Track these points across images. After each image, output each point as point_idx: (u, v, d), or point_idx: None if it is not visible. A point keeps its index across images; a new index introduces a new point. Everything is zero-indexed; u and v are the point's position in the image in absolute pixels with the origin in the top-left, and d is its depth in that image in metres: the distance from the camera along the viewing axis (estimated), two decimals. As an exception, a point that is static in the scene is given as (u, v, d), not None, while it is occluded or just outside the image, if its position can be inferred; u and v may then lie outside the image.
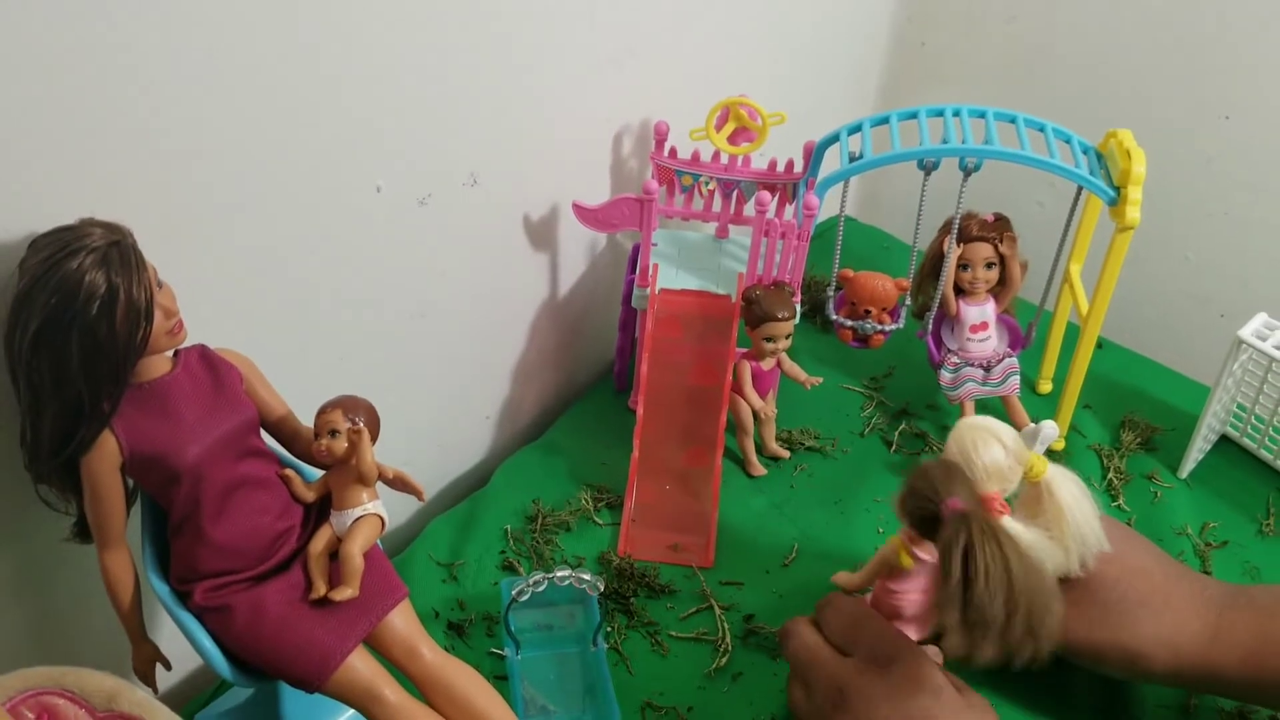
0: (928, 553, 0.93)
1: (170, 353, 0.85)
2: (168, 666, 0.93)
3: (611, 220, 1.20)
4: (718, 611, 1.11)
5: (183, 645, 0.89)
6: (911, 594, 0.96)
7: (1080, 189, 1.17)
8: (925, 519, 0.87)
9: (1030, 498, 0.97)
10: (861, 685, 0.89)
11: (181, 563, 0.86)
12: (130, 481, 0.87)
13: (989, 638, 0.80)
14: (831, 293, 1.28)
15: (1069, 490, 0.95)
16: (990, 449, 0.92)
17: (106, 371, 0.78)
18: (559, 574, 1.00)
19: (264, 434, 0.91)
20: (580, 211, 1.20)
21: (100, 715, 0.84)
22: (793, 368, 1.26)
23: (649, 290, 1.22)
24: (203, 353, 0.87)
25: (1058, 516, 0.94)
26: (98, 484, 0.83)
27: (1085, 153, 1.16)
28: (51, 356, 0.76)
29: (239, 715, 1.01)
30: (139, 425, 0.82)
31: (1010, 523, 0.92)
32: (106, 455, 0.82)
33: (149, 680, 0.92)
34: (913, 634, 0.96)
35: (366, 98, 0.98)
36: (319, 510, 0.91)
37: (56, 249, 0.75)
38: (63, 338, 0.75)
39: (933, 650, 0.99)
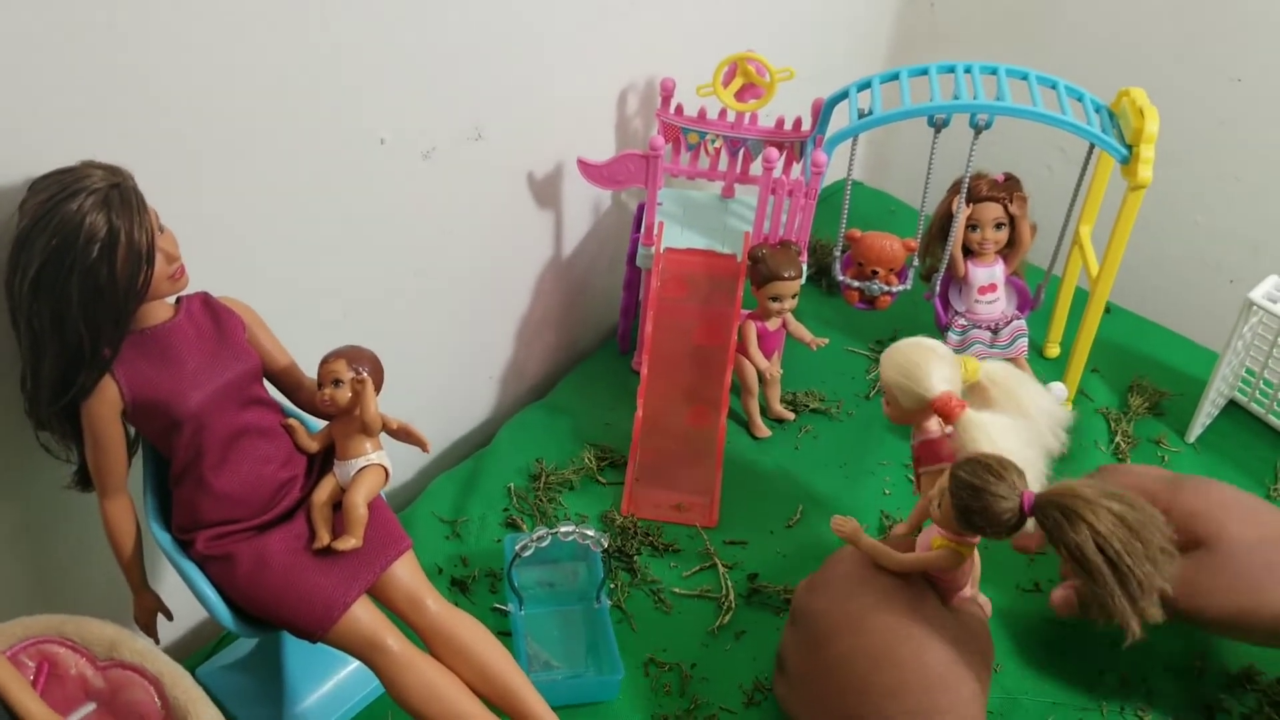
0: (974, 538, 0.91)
1: (172, 299, 0.84)
2: (169, 617, 0.92)
3: (617, 176, 1.19)
4: (721, 570, 1.11)
5: (184, 598, 0.88)
6: (968, 570, 0.95)
7: (1092, 148, 1.16)
8: (1006, 529, 0.85)
9: (978, 396, 0.98)
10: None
11: (183, 511, 0.86)
12: (132, 429, 0.86)
13: (1151, 595, 0.80)
14: (838, 253, 1.27)
15: (1008, 373, 0.97)
16: (929, 360, 0.95)
17: (107, 315, 0.77)
18: (563, 529, 0.99)
19: (267, 384, 0.91)
20: (585, 167, 1.19)
21: (101, 664, 0.84)
22: (798, 328, 1.25)
23: (654, 249, 1.21)
24: (205, 300, 0.86)
25: (1012, 399, 0.96)
26: (98, 430, 0.82)
27: (1098, 111, 1.14)
28: (51, 299, 0.75)
29: (241, 668, 1.01)
30: (140, 371, 0.81)
31: (974, 414, 0.93)
32: (107, 401, 0.81)
33: (150, 630, 0.92)
34: (964, 597, 0.96)
35: (371, 47, 0.96)
36: (323, 461, 0.91)
37: (56, 190, 0.74)
38: (63, 280, 0.74)
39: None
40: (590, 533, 1.00)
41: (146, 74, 0.82)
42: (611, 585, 1.09)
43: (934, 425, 0.98)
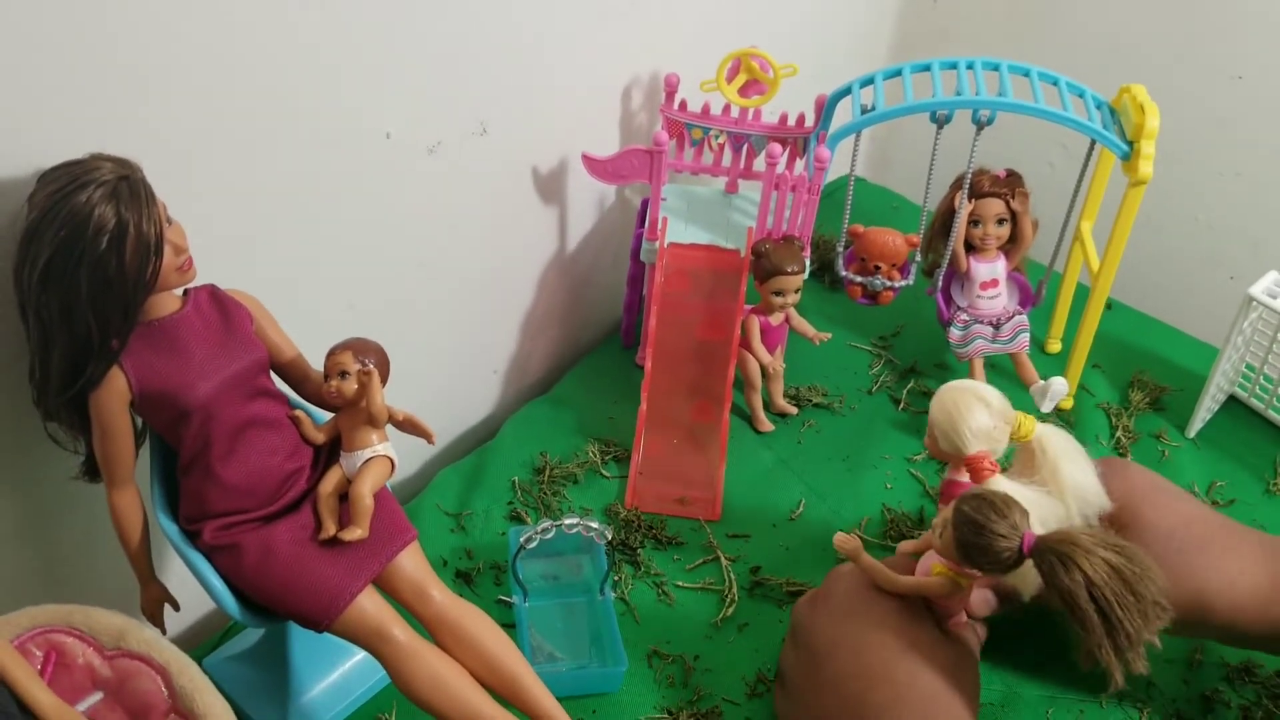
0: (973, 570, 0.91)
1: (180, 291, 0.85)
2: (176, 607, 0.93)
3: (621, 172, 1.20)
4: (724, 563, 1.11)
5: (191, 589, 0.89)
6: (967, 596, 0.94)
7: (1093, 144, 1.16)
8: (1003, 567, 0.85)
9: (1024, 457, 0.97)
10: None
11: (190, 502, 0.86)
12: (139, 420, 0.87)
13: (1138, 649, 0.81)
14: (841, 249, 1.27)
15: (1060, 445, 0.94)
16: (976, 411, 0.93)
17: (115, 306, 0.77)
18: (567, 521, 1.00)
19: (274, 376, 0.91)
20: (590, 162, 1.20)
21: (108, 653, 0.84)
22: (801, 323, 1.26)
23: (658, 244, 1.22)
24: (213, 292, 0.87)
25: (1053, 472, 0.93)
26: (106, 421, 0.82)
27: (1099, 107, 1.15)
28: (60, 291, 0.76)
29: (247, 659, 1.01)
30: (148, 362, 0.82)
31: (1003, 480, 0.92)
32: (115, 392, 0.81)
33: (157, 621, 0.92)
34: (959, 623, 0.96)
35: (378, 42, 0.97)
36: (329, 452, 0.91)
37: (66, 182, 0.75)
38: (71, 272, 0.75)
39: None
40: (594, 525, 1.00)
41: (151, 69, 0.82)
42: (615, 578, 1.09)
43: (964, 473, 0.97)
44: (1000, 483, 0.91)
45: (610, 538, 1.02)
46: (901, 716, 0.85)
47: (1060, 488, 0.93)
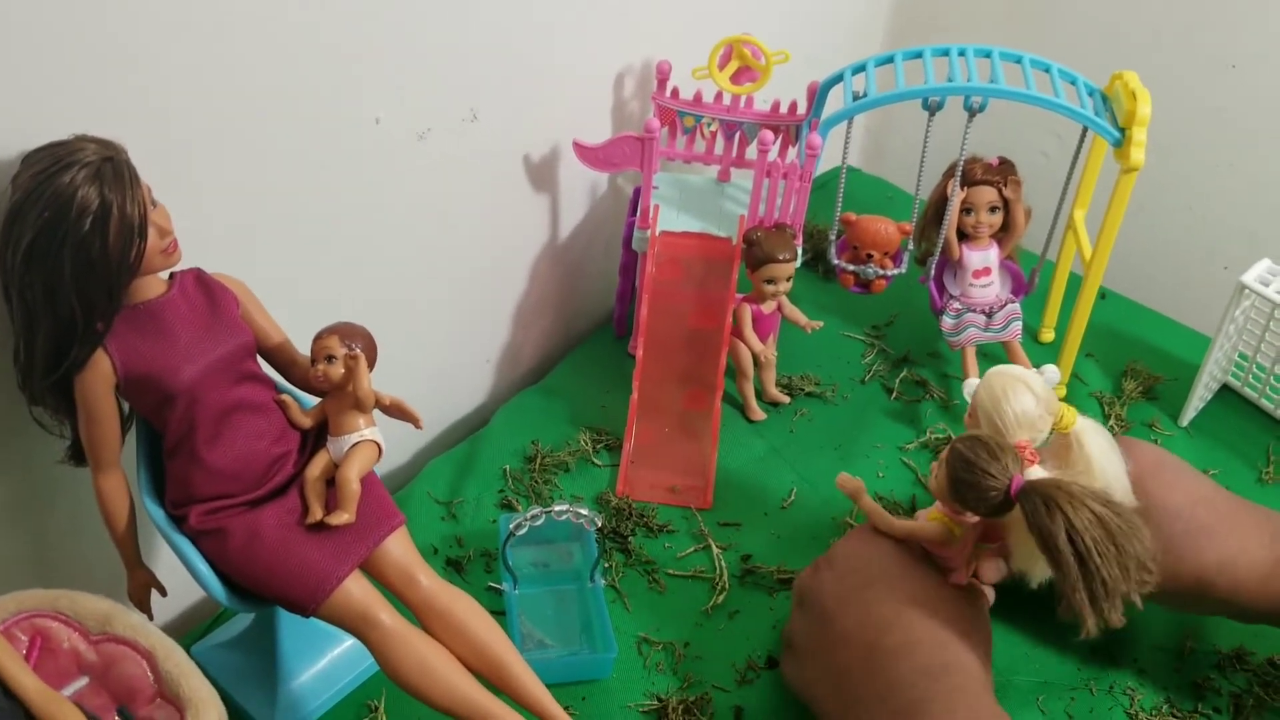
0: (970, 516, 0.92)
1: (165, 274, 0.84)
2: (163, 593, 0.93)
3: (612, 159, 1.19)
4: (715, 551, 1.11)
5: (179, 575, 0.89)
6: (964, 550, 0.95)
7: (1085, 131, 1.16)
8: (990, 508, 0.86)
9: (1059, 448, 0.96)
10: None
11: (176, 486, 0.86)
12: (126, 405, 0.86)
13: (1114, 600, 0.81)
14: (834, 237, 1.27)
15: (1098, 442, 0.94)
16: (1022, 397, 0.92)
17: (99, 289, 0.77)
18: (557, 509, 1.00)
19: (261, 360, 0.91)
20: (581, 150, 1.19)
21: (94, 638, 0.84)
22: (793, 311, 1.26)
23: (649, 232, 1.21)
24: (198, 276, 0.86)
25: (1086, 467, 0.93)
26: (91, 405, 0.82)
27: (1091, 94, 1.14)
28: (44, 273, 0.75)
29: (235, 646, 1.01)
30: (133, 345, 0.82)
31: (1040, 471, 0.91)
32: (100, 375, 0.81)
33: (144, 606, 0.92)
34: (960, 578, 0.96)
35: (366, 25, 0.97)
36: (316, 436, 0.91)
37: (49, 163, 0.74)
38: (55, 253, 0.75)
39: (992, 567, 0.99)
40: (584, 512, 1.00)
41: (135, 52, 0.82)
42: (606, 565, 1.09)
43: None
44: (1038, 473, 0.90)
45: (600, 525, 1.01)
46: (915, 657, 0.86)
47: (1094, 481, 0.92)
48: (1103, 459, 0.93)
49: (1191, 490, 0.96)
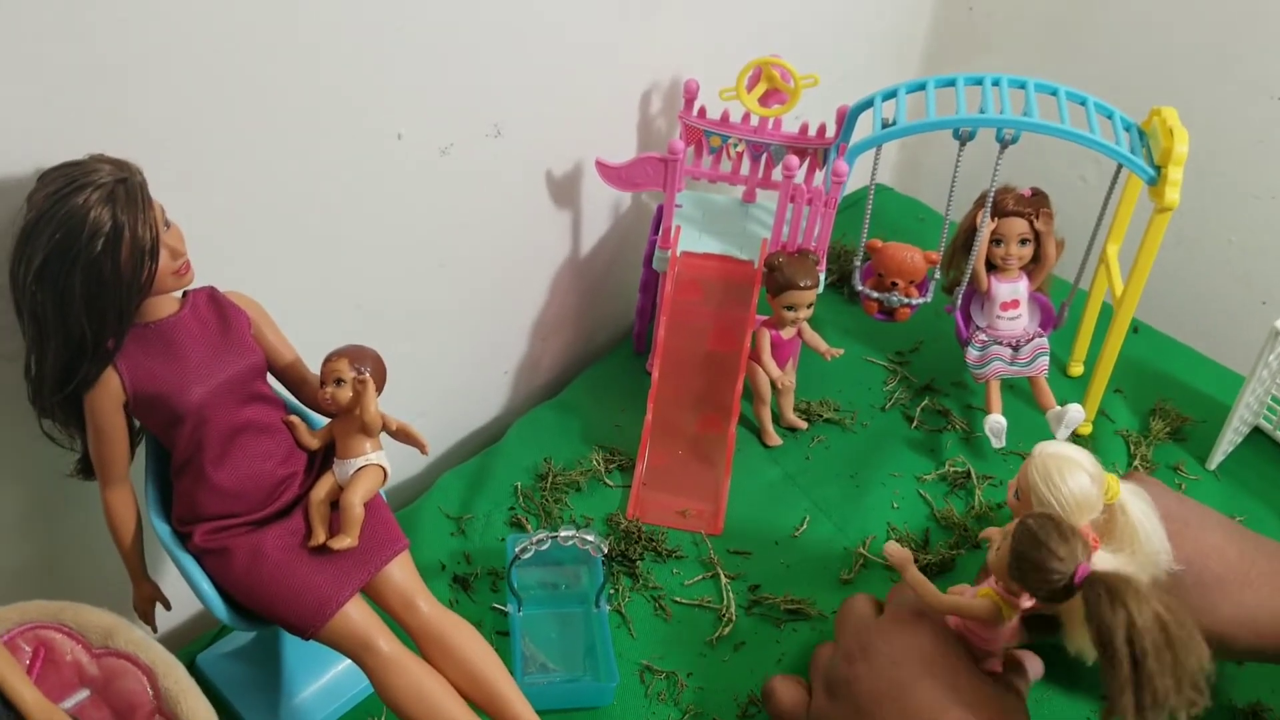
0: (1025, 599, 0.90)
1: (178, 294, 0.85)
2: (167, 606, 0.93)
3: (635, 179, 1.18)
4: (723, 580, 1.10)
5: (184, 588, 0.89)
6: (1005, 634, 0.93)
7: (1120, 167, 1.13)
8: (1051, 592, 0.84)
9: (1100, 522, 0.92)
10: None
11: (183, 504, 0.86)
12: (136, 421, 0.87)
13: (1160, 713, 0.77)
14: (859, 263, 1.25)
15: (1140, 508, 0.91)
16: (1077, 477, 0.88)
17: (110, 309, 0.77)
18: (563, 534, 0.99)
19: (271, 380, 0.91)
20: (603, 169, 1.18)
21: (96, 651, 0.85)
22: (813, 338, 1.24)
23: (670, 253, 1.20)
24: (211, 295, 0.87)
25: (1131, 536, 0.90)
26: (101, 421, 0.83)
27: (1127, 129, 1.12)
28: (55, 292, 0.76)
29: (241, 658, 1.01)
30: (143, 364, 0.82)
31: (1107, 555, 0.88)
32: (109, 393, 0.82)
33: (148, 619, 0.93)
34: (995, 665, 0.94)
35: (389, 40, 0.96)
36: (323, 458, 0.91)
37: (63, 184, 0.75)
38: (66, 273, 0.75)
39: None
40: (590, 538, 0.99)
41: (158, 67, 0.82)
42: (612, 590, 1.08)
43: None
44: (1104, 561, 0.87)
45: (606, 551, 1.01)
46: None
47: (1137, 551, 0.90)
48: (1147, 524, 0.90)
49: (1200, 540, 0.93)
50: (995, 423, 1.20)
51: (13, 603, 0.84)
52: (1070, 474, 0.88)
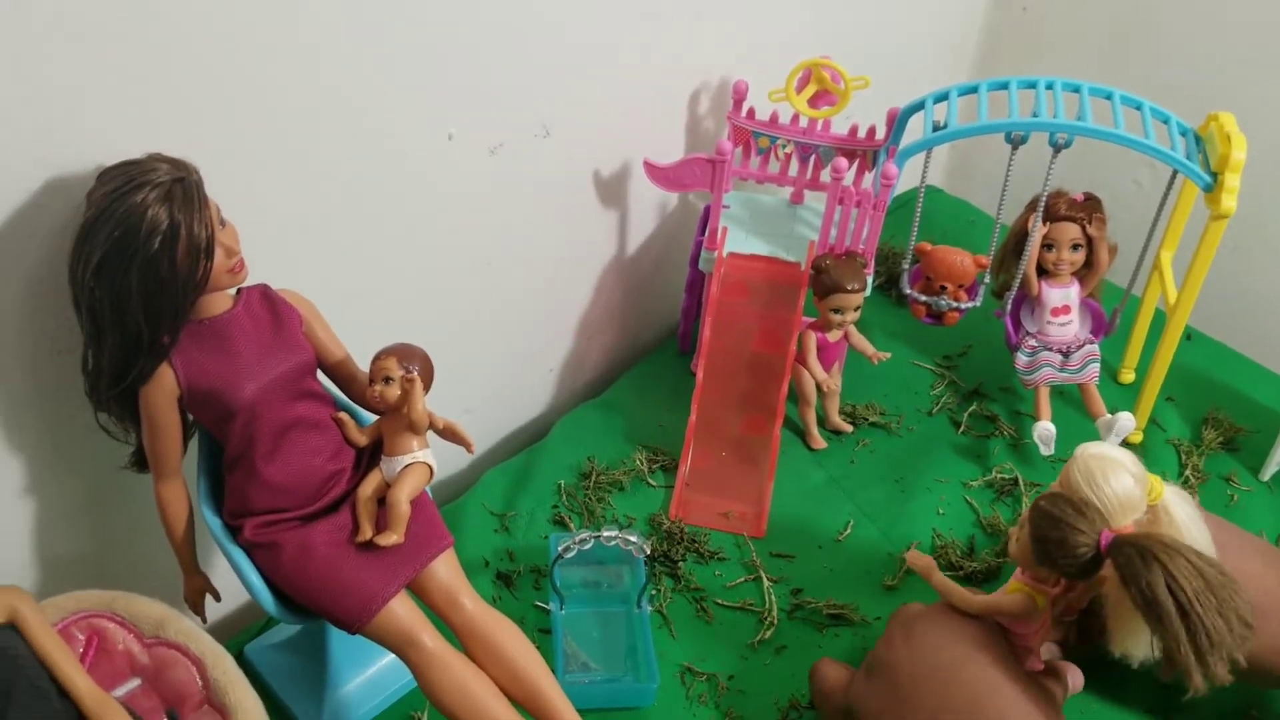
0: (1053, 586, 0.90)
1: (232, 291, 0.86)
2: (217, 598, 0.95)
3: (682, 180, 1.18)
4: (766, 583, 1.10)
5: (234, 579, 0.90)
6: (1043, 627, 0.93)
7: (1175, 173, 1.12)
8: (1080, 566, 0.84)
9: (1144, 522, 0.92)
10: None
11: (234, 498, 0.88)
12: (189, 416, 0.88)
13: (1219, 653, 0.78)
14: (907, 266, 1.24)
15: (1185, 510, 0.91)
16: (1120, 478, 0.88)
17: (166, 306, 0.79)
18: (606, 534, 0.99)
19: (321, 377, 0.92)
20: (651, 170, 1.18)
21: (147, 640, 0.86)
22: (860, 341, 1.23)
23: (716, 253, 1.20)
24: (264, 293, 0.88)
25: (1175, 535, 0.89)
26: (155, 415, 0.84)
27: (1183, 135, 1.10)
28: (112, 288, 0.77)
29: (288, 649, 1.03)
30: (197, 360, 0.83)
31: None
32: (164, 388, 0.83)
33: (199, 610, 0.94)
34: (1035, 663, 0.94)
35: (440, 41, 0.97)
36: (370, 455, 0.92)
37: (122, 182, 0.76)
38: (124, 270, 0.76)
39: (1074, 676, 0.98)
40: (633, 539, 1.00)
41: (216, 68, 0.83)
42: (654, 590, 1.09)
43: None
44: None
45: (649, 552, 1.01)
46: None
47: None
48: (1191, 526, 0.90)
49: (1239, 567, 0.90)
50: (1044, 429, 1.19)
51: (67, 591, 0.86)
52: (1113, 474, 0.88)
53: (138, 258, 0.76)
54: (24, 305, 0.82)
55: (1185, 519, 0.90)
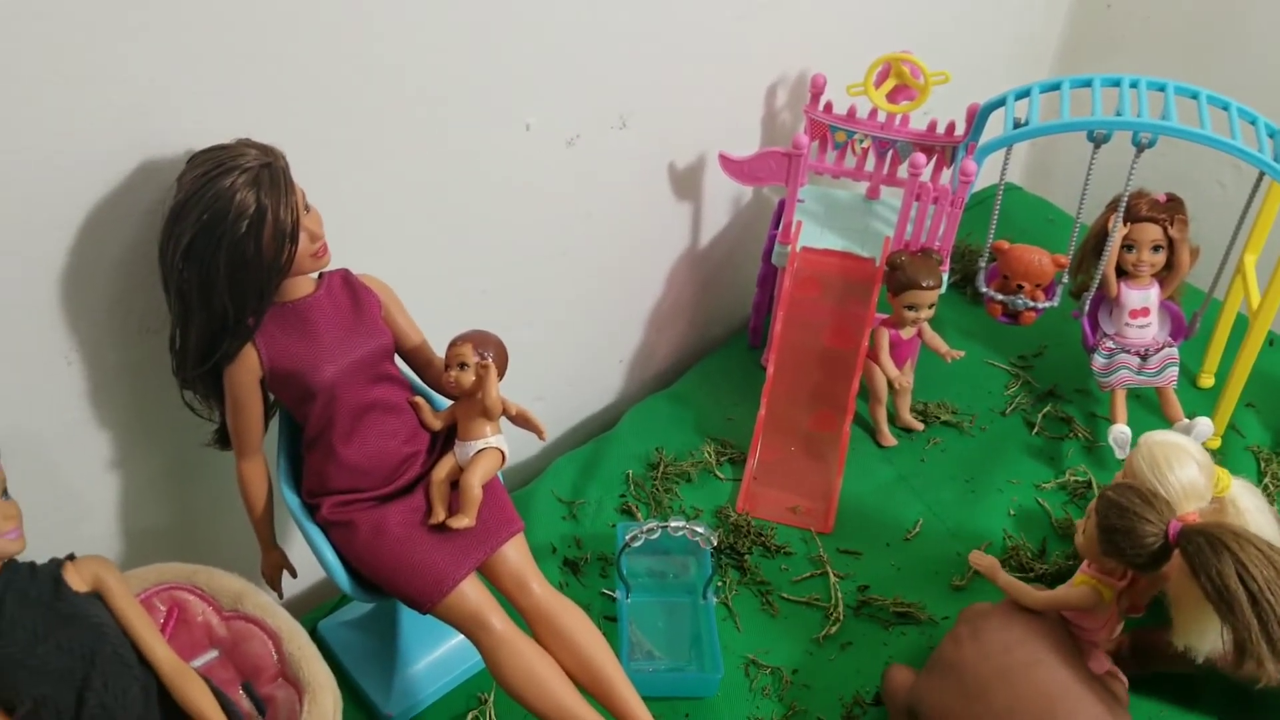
0: (1119, 578, 0.90)
1: (314, 275, 0.88)
2: (294, 574, 0.97)
3: (757, 174, 1.18)
4: (832, 579, 1.10)
5: (310, 556, 0.93)
6: (1110, 622, 0.92)
7: (1262, 174, 1.09)
8: (1148, 556, 0.84)
9: (1210, 513, 0.91)
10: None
11: (313, 477, 0.90)
12: (271, 395, 0.90)
13: None
14: (984, 264, 1.23)
15: (1252, 502, 0.90)
16: (1186, 466, 0.87)
17: (251, 288, 0.81)
18: (673, 524, 1.00)
19: (398, 361, 0.94)
20: (726, 162, 1.19)
21: (226, 614, 0.89)
22: (934, 339, 1.22)
23: (790, 248, 1.20)
24: (345, 277, 0.90)
25: (1243, 527, 0.87)
26: (238, 394, 0.86)
27: (1271, 137, 1.07)
28: (200, 270, 0.79)
29: (359, 626, 1.05)
30: (280, 342, 0.85)
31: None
32: (248, 368, 0.85)
33: (275, 585, 0.97)
34: (1101, 662, 0.93)
35: (520, 34, 0.98)
36: (445, 439, 0.93)
37: (211, 166, 0.78)
38: (212, 253, 0.78)
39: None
40: (700, 530, 1.00)
41: (304, 59, 0.85)
42: (720, 582, 1.09)
43: None
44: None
45: (716, 543, 1.01)
46: None
47: None
48: (1259, 516, 0.89)
49: None
50: (1120, 433, 1.17)
51: (150, 564, 0.88)
52: (1179, 462, 0.87)
53: (225, 240, 0.78)
54: (115, 285, 0.85)
55: (1253, 510, 0.89)
